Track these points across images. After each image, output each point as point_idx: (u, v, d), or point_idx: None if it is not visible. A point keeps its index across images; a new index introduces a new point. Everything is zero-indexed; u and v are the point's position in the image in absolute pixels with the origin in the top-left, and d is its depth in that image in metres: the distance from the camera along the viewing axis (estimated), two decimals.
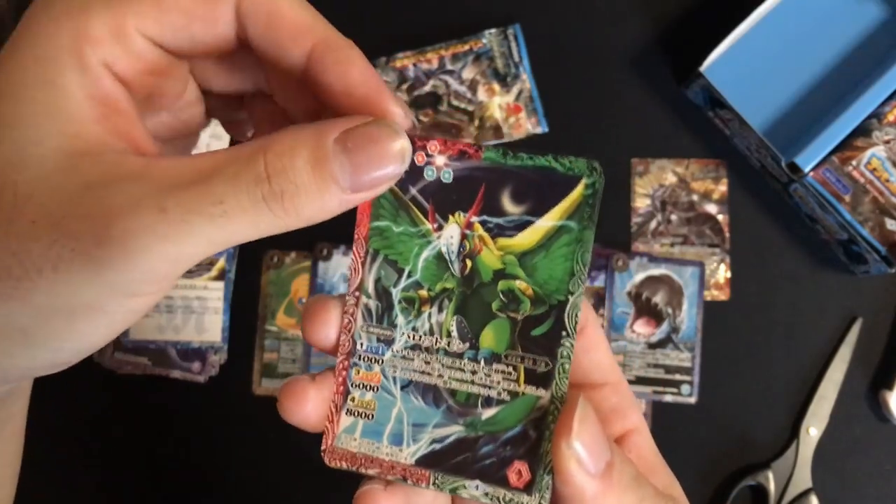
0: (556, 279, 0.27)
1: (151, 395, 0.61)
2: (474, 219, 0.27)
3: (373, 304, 0.28)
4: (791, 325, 0.62)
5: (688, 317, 0.61)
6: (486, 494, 0.27)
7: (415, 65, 0.63)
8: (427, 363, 0.28)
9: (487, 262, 0.27)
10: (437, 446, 0.27)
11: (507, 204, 0.27)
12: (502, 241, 0.27)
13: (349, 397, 0.28)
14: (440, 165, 0.27)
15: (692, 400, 0.61)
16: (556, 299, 0.27)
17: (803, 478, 0.60)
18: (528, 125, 0.63)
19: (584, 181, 0.26)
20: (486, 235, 0.27)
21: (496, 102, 0.63)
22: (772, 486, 0.60)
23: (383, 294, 0.28)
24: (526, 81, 0.63)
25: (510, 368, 0.27)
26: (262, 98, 0.28)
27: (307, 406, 0.27)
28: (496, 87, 0.63)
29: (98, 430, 0.62)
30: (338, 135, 0.22)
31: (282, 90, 0.26)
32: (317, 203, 0.21)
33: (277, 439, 0.62)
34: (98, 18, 0.21)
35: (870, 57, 0.61)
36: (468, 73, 0.63)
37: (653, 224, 0.63)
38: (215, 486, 0.62)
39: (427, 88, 0.63)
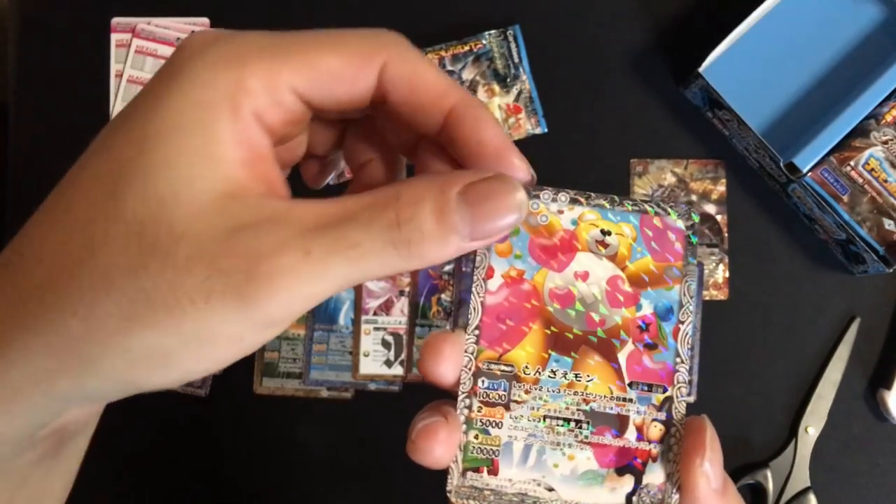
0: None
1: (152, 395, 0.61)
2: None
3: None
4: (789, 324, 0.62)
5: None
6: None
7: None
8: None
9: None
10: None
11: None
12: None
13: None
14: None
15: (691, 399, 0.61)
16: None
17: (802, 477, 0.60)
18: (528, 126, 0.63)
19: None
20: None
21: (496, 103, 0.63)
22: (770, 485, 0.60)
23: None
24: (526, 82, 0.63)
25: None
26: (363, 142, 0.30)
27: (440, 448, 0.27)
28: (496, 87, 0.63)
29: (97, 429, 0.62)
30: (461, 187, 0.24)
31: (404, 144, 0.29)
32: (438, 249, 0.24)
33: (278, 438, 0.62)
34: (254, 71, 0.23)
35: (868, 58, 0.61)
36: (468, 74, 0.63)
37: None
38: (215, 485, 0.62)
39: None
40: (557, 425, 0.28)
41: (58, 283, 0.22)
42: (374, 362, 0.61)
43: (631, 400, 0.29)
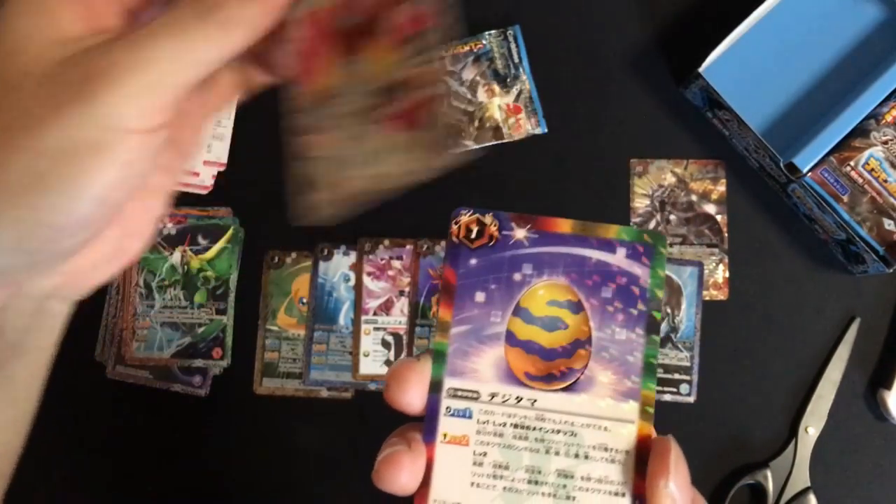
0: None
1: (152, 394, 0.62)
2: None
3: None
4: (789, 324, 0.62)
5: (686, 316, 0.61)
6: None
7: None
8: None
9: None
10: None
11: None
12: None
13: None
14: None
15: (691, 399, 0.61)
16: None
17: (801, 477, 0.60)
18: (528, 126, 0.63)
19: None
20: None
21: (496, 103, 0.63)
22: (770, 485, 0.60)
23: None
24: (526, 82, 0.63)
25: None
26: None
27: (404, 476, 0.28)
28: (496, 87, 0.63)
29: (98, 429, 0.62)
30: None
31: None
32: (239, 7, 0.26)
33: (278, 438, 0.62)
34: None
35: (868, 58, 0.61)
36: (468, 74, 0.63)
37: (652, 224, 0.63)
38: (216, 484, 0.62)
39: None
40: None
41: None
42: (374, 362, 0.61)
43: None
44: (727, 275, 0.63)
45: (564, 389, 0.29)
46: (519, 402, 0.29)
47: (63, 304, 0.31)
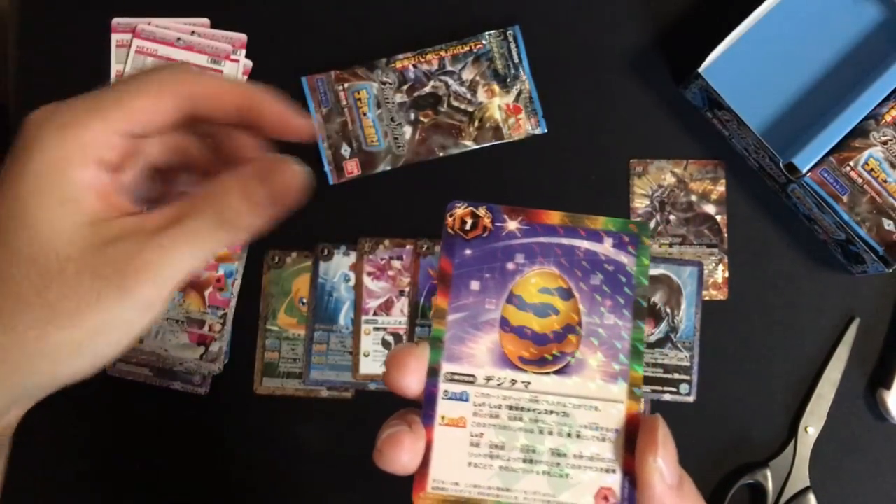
0: None
1: (153, 393, 0.62)
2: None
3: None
4: (789, 324, 0.62)
5: (686, 316, 0.62)
6: None
7: (415, 66, 0.63)
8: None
9: None
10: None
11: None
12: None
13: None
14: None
15: (691, 399, 0.61)
16: None
17: (801, 476, 0.60)
18: (528, 126, 0.63)
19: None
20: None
21: (496, 103, 0.63)
22: (770, 485, 0.60)
23: None
24: (525, 82, 0.64)
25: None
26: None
27: (405, 455, 0.30)
28: (496, 87, 0.63)
29: (98, 429, 0.62)
30: (254, 170, 0.32)
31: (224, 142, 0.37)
32: (253, 218, 0.31)
33: (278, 438, 0.62)
34: (88, 127, 0.31)
35: (867, 58, 0.61)
36: (468, 74, 0.63)
37: (651, 224, 0.63)
38: (216, 484, 0.62)
39: (427, 89, 0.63)
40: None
41: None
42: (374, 362, 0.61)
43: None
44: (727, 275, 0.63)
45: (557, 372, 0.30)
46: (513, 385, 0.30)
47: (22, 411, 0.36)
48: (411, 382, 0.30)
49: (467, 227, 0.31)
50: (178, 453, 0.62)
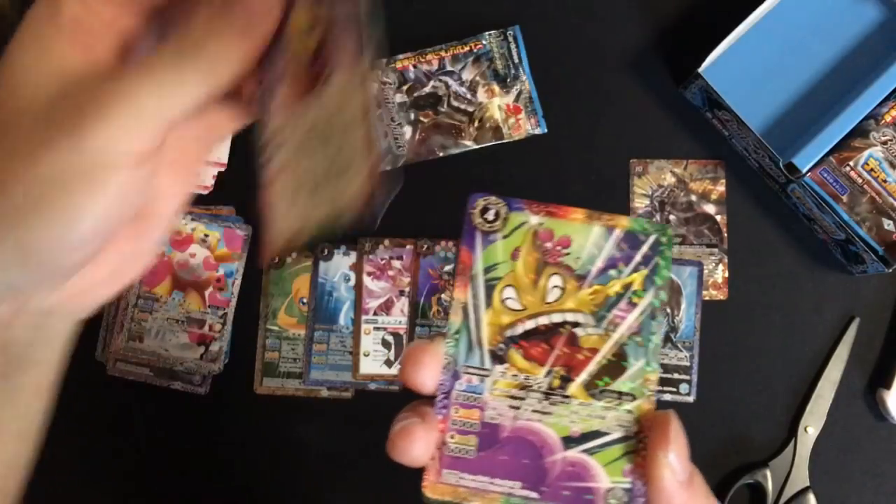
0: None
1: (153, 393, 0.62)
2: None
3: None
4: (789, 324, 0.62)
5: (686, 316, 0.62)
6: None
7: (415, 66, 0.63)
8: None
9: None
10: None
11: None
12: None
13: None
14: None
15: (690, 399, 0.61)
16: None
17: (801, 476, 0.60)
18: (528, 126, 0.63)
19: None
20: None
21: (496, 103, 0.63)
22: (770, 485, 0.60)
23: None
24: (525, 82, 0.64)
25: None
26: None
27: (417, 447, 0.29)
28: (496, 88, 0.63)
29: (98, 429, 0.62)
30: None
31: None
32: (217, 44, 0.28)
33: (278, 438, 0.62)
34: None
35: (867, 58, 0.61)
36: (468, 74, 0.63)
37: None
38: (215, 484, 0.62)
39: (427, 89, 0.63)
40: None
41: None
42: (374, 362, 0.61)
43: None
44: (727, 275, 0.63)
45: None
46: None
47: (66, 322, 0.33)
48: (427, 378, 0.30)
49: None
50: (178, 453, 0.62)
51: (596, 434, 0.30)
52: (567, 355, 0.30)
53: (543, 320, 0.31)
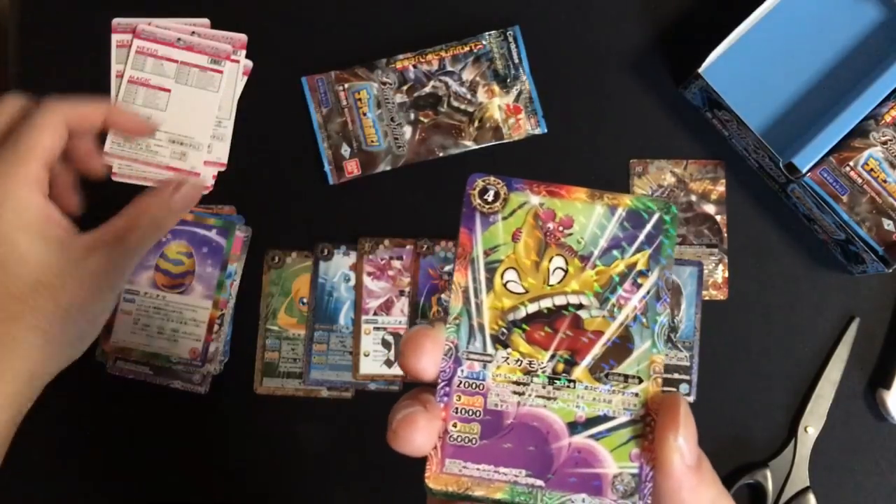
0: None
1: (153, 393, 0.62)
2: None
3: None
4: (789, 324, 0.62)
5: (686, 316, 0.62)
6: None
7: (415, 66, 0.63)
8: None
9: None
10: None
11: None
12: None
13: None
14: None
15: (691, 399, 0.61)
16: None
17: (801, 476, 0.60)
18: (528, 126, 0.63)
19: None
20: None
21: (496, 103, 0.63)
22: (770, 485, 0.60)
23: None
24: (525, 83, 0.64)
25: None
26: None
27: (420, 436, 0.28)
28: (496, 88, 0.63)
29: (98, 428, 0.62)
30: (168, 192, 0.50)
31: None
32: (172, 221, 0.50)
33: (278, 438, 0.62)
34: (24, 183, 0.45)
35: (867, 58, 0.61)
36: (468, 75, 0.63)
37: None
38: (215, 484, 0.62)
39: (427, 89, 0.63)
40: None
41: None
42: (374, 362, 0.61)
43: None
44: (727, 275, 0.63)
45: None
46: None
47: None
48: (427, 365, 0.29)
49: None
50: (178, 453, 0.62)
51: (602, 419, 0.29)
52: (571, 338, 0.29)
53: (546, 303, 0.30)
